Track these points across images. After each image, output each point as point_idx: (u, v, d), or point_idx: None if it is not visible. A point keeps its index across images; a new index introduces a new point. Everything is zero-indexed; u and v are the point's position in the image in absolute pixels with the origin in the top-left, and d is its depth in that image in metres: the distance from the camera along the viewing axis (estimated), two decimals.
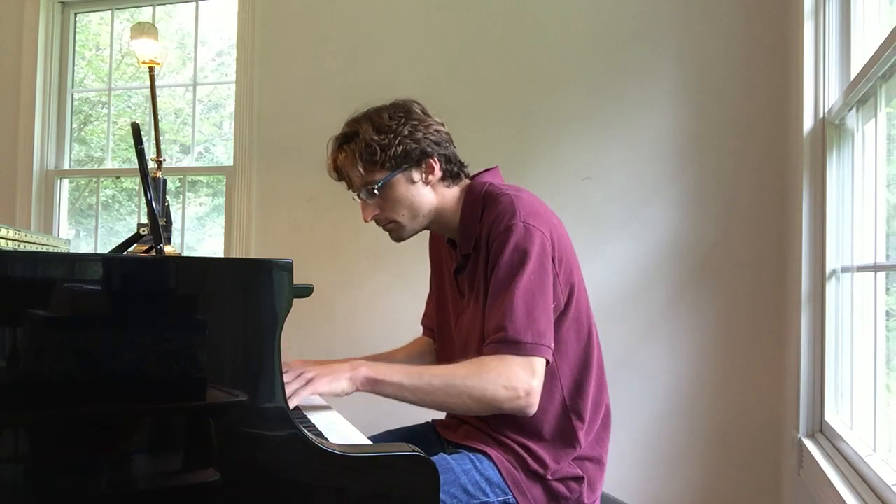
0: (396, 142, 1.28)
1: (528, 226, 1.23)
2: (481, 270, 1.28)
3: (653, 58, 2.36)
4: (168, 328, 0.91)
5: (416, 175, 1.32)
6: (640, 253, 2.34)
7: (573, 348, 1.31)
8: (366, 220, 1.36)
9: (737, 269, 2.26)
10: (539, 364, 1.18)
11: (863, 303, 1.55)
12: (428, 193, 1.34)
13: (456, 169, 1.37)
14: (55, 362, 0.86)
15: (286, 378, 1.12)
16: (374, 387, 1.17)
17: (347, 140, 1.33)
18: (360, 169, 1.30)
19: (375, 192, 1.31)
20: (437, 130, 1.34)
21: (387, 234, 1.40)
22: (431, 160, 1.32)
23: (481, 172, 1.40)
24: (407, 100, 1.36)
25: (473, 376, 1.16)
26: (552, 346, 1.20)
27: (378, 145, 1.28)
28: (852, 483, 1.35)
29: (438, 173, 1.33)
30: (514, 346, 1.17)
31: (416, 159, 1.31)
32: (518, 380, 1.16)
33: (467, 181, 1.39)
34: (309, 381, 1.15)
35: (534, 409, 1.19)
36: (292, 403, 1.09)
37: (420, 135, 1.30)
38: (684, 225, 2.31)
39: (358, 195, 1.34)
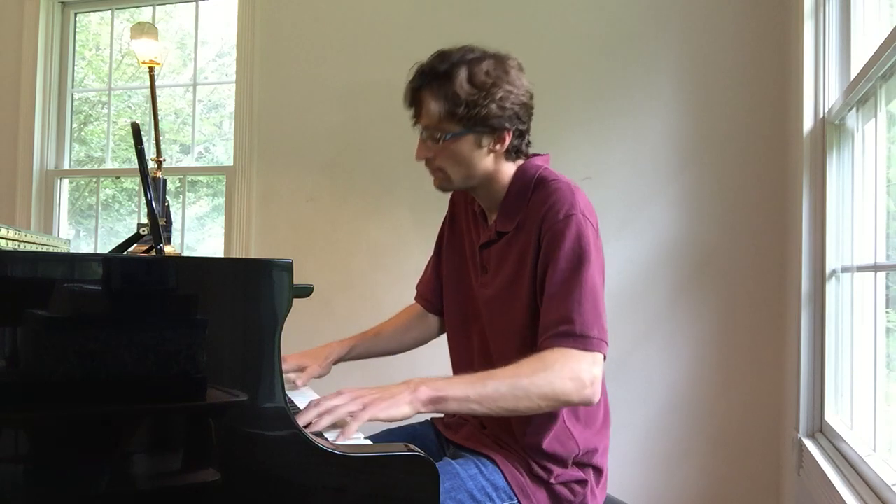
0: (484, 103, 1.23)
1: (587, 218, 1.21)
2: (526, 256, 1.25)
3: (653, 58, 2.36)
4: (168, 328, 0.91)
5: (485, 141, 1.27)
6: (640, 253, 2.34)
7: None
8: (417, 159, 1.31)
9: (737, 269, 2.26)
10: (600, 360, 1.16)
11: (863, 303, 1.55)
12: (489, 161, 1.29)
13: (524, 147, 1.33)
14: (55, 362, 0.86)
15: (339, 400, 1.09)
16: (437, 405, 1.11)
17: (438, 77, 1.25)
18: (440, 111, 1.24)
19: (441, 139, 1.26)
20: (524, 103, 1.29)
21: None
22: (506, 133, 1.27)
23: (533, 156, 1.36)
24: (507, 55, 1.30)
25: (539, 373, 1.13)
26: (608, 344, 1.19)
27: (465, 100, 1.23)
28: (852, 483, 1.35)
29: (506, 146, 1.29)
30: (580, 340, 1.14)
31: (493, 127, 1.25)
32: (581, 370, 1.13)
33: (521, 161, 1.35)
34: (366, 406, 1.07)
35: (597, 399, 1.16)
36: (350, 431, 1.05)
37: (508, 104, 1.25)
38: (684, 225, 2.31)
39: (421, 132, 1.30)
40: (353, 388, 1.14)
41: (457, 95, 1.22)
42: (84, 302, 0.88)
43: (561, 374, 1.13)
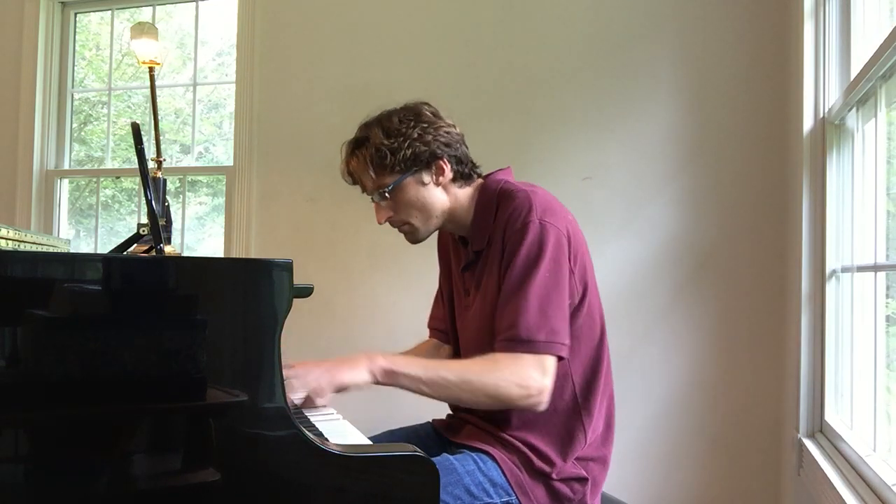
0: (406, 145, 1.29)
1: (545, 223, 1.23)
2: (494, 267, 1.28)
3: (653, 58, 2.36)
4: (168, 328, 0.91)
5: (426, 177, 1.32)
6: (640, 253, 2.34)
7: (586, 346, 1.32)
8: (380, 223, 1.37)
9: (737, 269, 2.26)
10: (551, 362, 1.19)
11: (863, 303, 1.55)
12: (440, 195, 1.35)
13: (468, 170, 1.37)
14: (55, 362, 0.86)
15: (303, 370, 1.16)
16: (391, 378, 1.18)
17: (359, 145, 1.34)
18: (372, 173, 1.31)
19: (387, 195, 1.32)
20: (448, 132, 1.34)
21: (386, 231, 1.41)
22: (441, 162, 1.32)
23: (494, 172, 1.40)
24: (417, 102, 1.36)
25: (487, 373, 1.18)
26: (567, 342, 1.21)
27: (388, 149, 1.29)
28: (852, 483, 1.35)
29: (449, 174, 1.34)
30: (526, 344, 1.18)
31: (425, 161, 1.31)
32: (530, 378, 1.17)
33: (480, 181, 1.40)
34: (329, 370, 1.16)
35: (545, 406, 1.21)
36: (322, 401, 1.13)
37: (430, 137, 1.31)
38: (684, 225, 2.31)
39: (371, 199, 1.35)
40: (315, 361, 1.21)
41: (379, 150, 1.29)
42: (84, 302, 0.88)
43: (509, 378, 1.17)
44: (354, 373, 1.16)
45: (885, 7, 1.54)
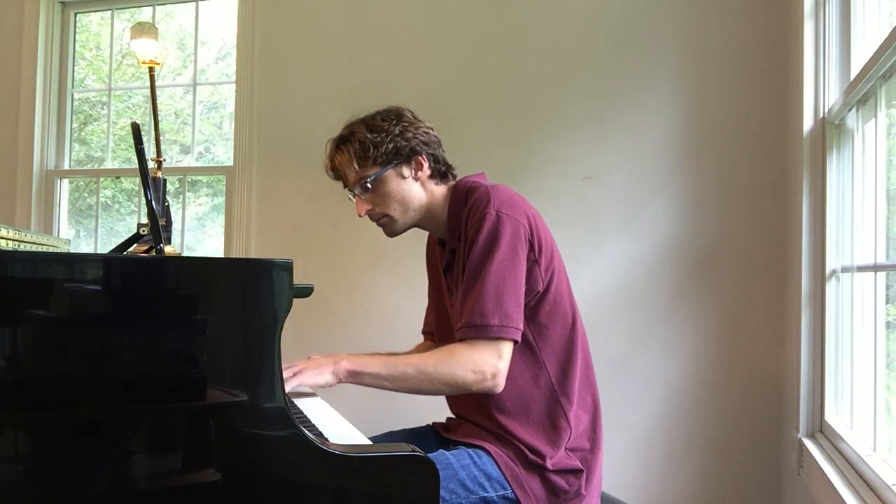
0: (388, 140, 1.38)
1: (501, 214, 1.29)
2: (462, 262, 1.34)
3: (653, 58, 2.36)
4: (168, 328, 0.91)
5: (406, 171, 1.41)
6: (640, 253, 2.34)
7: (557, 332, 1.35)
8: (360, 215, 1.44)
9: (737, 269, 2.26)
10: (506, 346, 1.25)
11: (863, 303, 1.55)
12: (418, 189, 1.42)
13: (444, 168, 1.45)
14: (55, 362, 0.86)
15: None
16: (355, 378, 1.25)
17: (343, 141, 1.43)
18: (355, 165, 1.39)
19: (368, 185, 1.39)
20: (426, 132, 1.44)
21: (385, 232, 1.45)
22: (420, 157, 1.41)
23: (467, 176, 1.47)
24: (399, 106, 1.46)
25: (443, 363, 1.24)
26: (520, 327, 1.26)
27: (371, 143, 1.38)
28: (852, 483, 1.35)
29: (427, 170, 1.42)
30: (481, 329, 1.23)
31: (405, 156, 1.40)
32: (484, 363, 1.23)
33: (454, 182, 1.47)
34: (295, 374, 1.22)
35: (500, 389, 1.26)
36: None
37: (410, 134, 1.40)
38: (684, 225, 2.31)
39: (353, 191, 1.43)
40: (290, 362, 1.27)
41: (363, 144, 1.39)
42: (84, 302, 0.88)
43: (465, 365, 1.23)
44: (318, 376, 1.23)
45: (885, 7, 1.54)
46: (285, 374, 1.19)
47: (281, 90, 2.74)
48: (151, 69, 2.12)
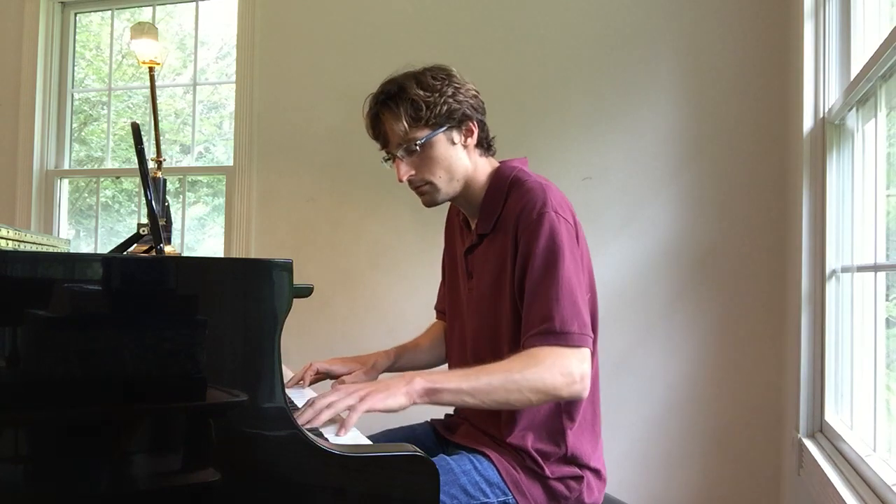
0: (441, 101, 1.28)
1: (560, 216, 1.23)
2: (501, 253, 1.28)
3: (653, 58, 2.36)
4: (168, 328, 0.91)
5: (456, 136, 1.32)
6: (640, 253, 2.34)
7: None
8: (400, 180, 1.33)
9: (737, 269, 2.26)
10: (586, 353, 1.19)
11: (863, 303, 1.55)
12: (464, 158, 1.34)
13: (489, 139, 1.38)
14: (55, 362, 0.86)
15: (336, 395, 1.11)
16: (432, 397, 1.14)
17: (392, 97, 1.31)
18: (405, 124, 1.28)
19: (416, 147, 1.29)
20: (475, 96, 1.35)
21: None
22: (472, 123, 1.33)
23: (510, 159, 1.40)
24: (446, 64, 1.37)
25: (530, 368, 1.15)
26: (592, 335, 1.21)
27: (424, 102, 1.28)
28: (852, 483, 1.35)
29: (475, 139, 1.34)
30: (562, 336, 1.17)
31: (458, 120, 1.31)
32: (572, 366, 1.16)
33: (496, 162, 1.40)
34: (362, 398, 1.10)
35: (586, 394, 1.20)
36: (350, 423, 1.08)
37: (461, 97, 1.31)
38: (684, 225, 2.31)
39: (395, 153, 1.32)
40: (349, 384, 1.18)
41: (415, 102, 1.28)
42: (84, 302, 0.88)
43: (552, 369, 1.16)
44: (390, 399, 1.11)
45: (885, 7, 1.54)
46: (351, 400, 1.09)
47: (281, 90, 2.74)
48: (151, 69, 2.12)
